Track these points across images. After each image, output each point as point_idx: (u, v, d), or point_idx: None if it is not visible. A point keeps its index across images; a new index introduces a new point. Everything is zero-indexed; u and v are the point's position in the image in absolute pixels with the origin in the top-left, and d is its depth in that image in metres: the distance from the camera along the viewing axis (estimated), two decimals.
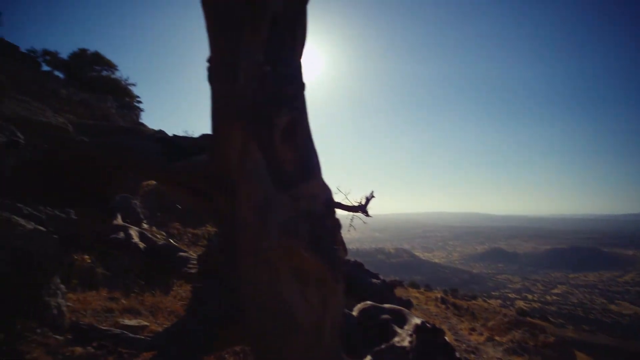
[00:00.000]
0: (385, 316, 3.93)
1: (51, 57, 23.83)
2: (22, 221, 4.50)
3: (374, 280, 8.04)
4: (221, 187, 2.62)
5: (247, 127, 2.25)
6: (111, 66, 26.34)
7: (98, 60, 25.53)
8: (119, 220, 6.97)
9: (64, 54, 24.63)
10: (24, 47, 22.75)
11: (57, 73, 23.22)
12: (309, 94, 2.64)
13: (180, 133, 5.16)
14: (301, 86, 2.45)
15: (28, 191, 6.16)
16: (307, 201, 2.30)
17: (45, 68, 22.96)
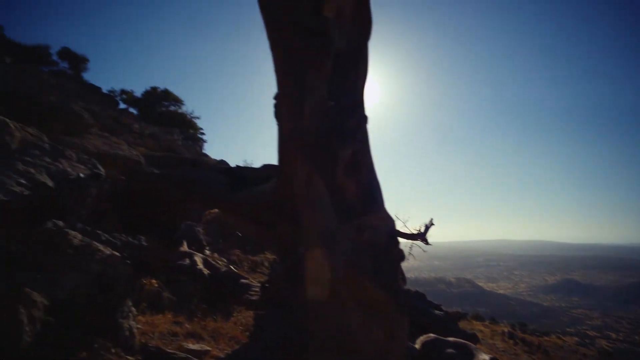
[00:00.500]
0: (450, 350, 3.76)
1: (127, 95, 26.21)
2: (100, 247, 4.88)
3: (437, 312, 7.70)
4: (284, 216, 2.70)
5: (311, 160, 2.32)
6: (178, 101, 28.35)
7: (167, 97, 27.63)
8: (184, 247, 7.32)
9: (138, 92, 26.99)
10: (105, 88, 25.32)
11: (131, 110, 25.41)
12: (370, 121, 2.68)
13: (240, 162, 5.39)
14: (363, 119, 2.50)
15: (106, 219, 6.68)
16: (371, 232, 2.31)
17: (122, 105, 25.24)
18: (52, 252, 4.45)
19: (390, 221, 2.57)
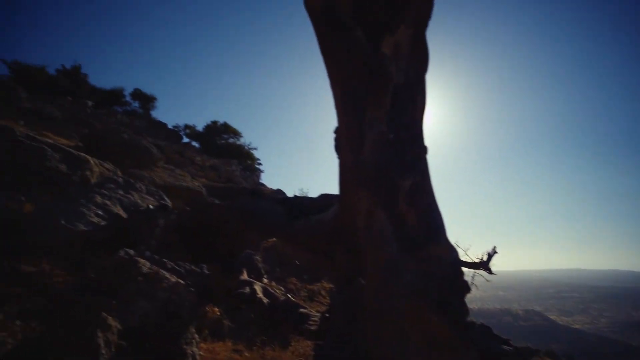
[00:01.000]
0: None
1: (190, 130, 27.96)
2: (167, 275, 5.14)
3: (505, 347, 7.18)
4: (342, 246, 2.72)
5: (372, 191, 2.34)
6: (236, 134, 29.70)
7: (226, 130, 29.06)
8: (244, 276, 7.50)
9: (200, 126, 28.70)
10: (170, 123, 27.25)
11: (194, 143, 26.99)
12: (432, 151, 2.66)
13: (296, 191, 5.51)
14: (423, 150, 2.50)
15: (171, 247, 7.04)
16: (434, 262, 2.26)
17: (186, 139, 26.91)
18: (124, 279, 4.75)
19: (453, 251, 2.49)
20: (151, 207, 6.88)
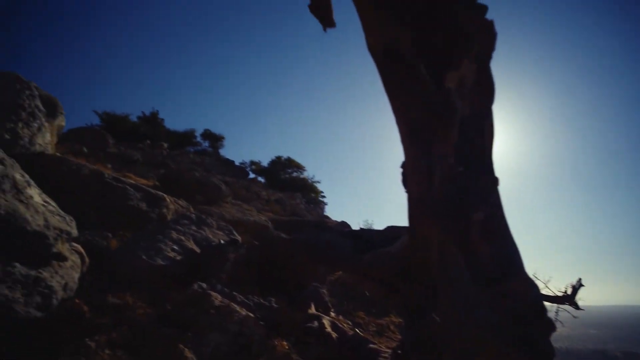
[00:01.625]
0: None
1: (255, 166, 29.17)
2: (237, 308, 5.27)
3: None
4: (411, 280, 2.64)
5: (443, 225, 2.29)
6: (300, 168, 30.46)
7: (290, 164, 29.94)
8: (312, 309, 7.47)
9: (265, 162, 29.85)
10: (237, 160, 28.67)
11: (259, 178, 28.05)
12: (503, 182, 2.56)
13: (361, 222, 5.47)
14: (494, 181, 2.41)
15: (240, 281, 7.24)
16: (513, 298, 2.11)
17: (251, 175, 28.07)
18: (198, 312, 4.95)
19: (533, 286, 2.32)
20: (222, 241, 7.18)
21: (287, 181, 28.30)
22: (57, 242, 3.75)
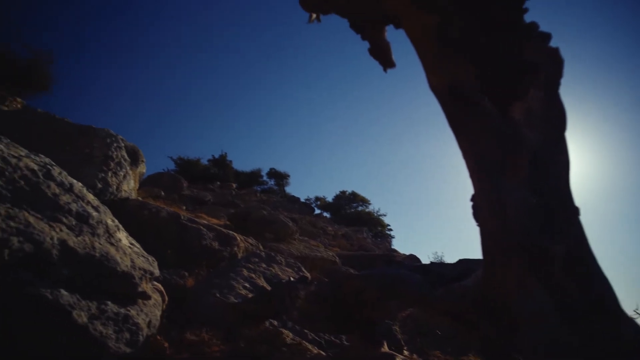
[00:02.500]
0: None
1: (321, 201, 29.68)
2: (309, 346, 5.25)
3: None
4: (489, 316, 2.49)
5: (521, 260, 2.16)
6: (365, 201, 30.45)
7: (354, 198, 30.03)
8: (385, 348, 7.22)
9: (330, 197, 30.23)
10: (302, 197, 29.34)
11: (325, 214, 28.34)
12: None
13: (430, 254, 5.28)
14: (574, 212, 2.26)
15: (310, 318, 7.21)
16: (609, 339, 1.91)
17: (317, 211, 28.46)
18: (270, 349, 5.00)
19: (631, 322, 2.08)
20: (292, 279, 7.27)
21: (352, 215, 28.33)
22: (142, 282, 4.03)
